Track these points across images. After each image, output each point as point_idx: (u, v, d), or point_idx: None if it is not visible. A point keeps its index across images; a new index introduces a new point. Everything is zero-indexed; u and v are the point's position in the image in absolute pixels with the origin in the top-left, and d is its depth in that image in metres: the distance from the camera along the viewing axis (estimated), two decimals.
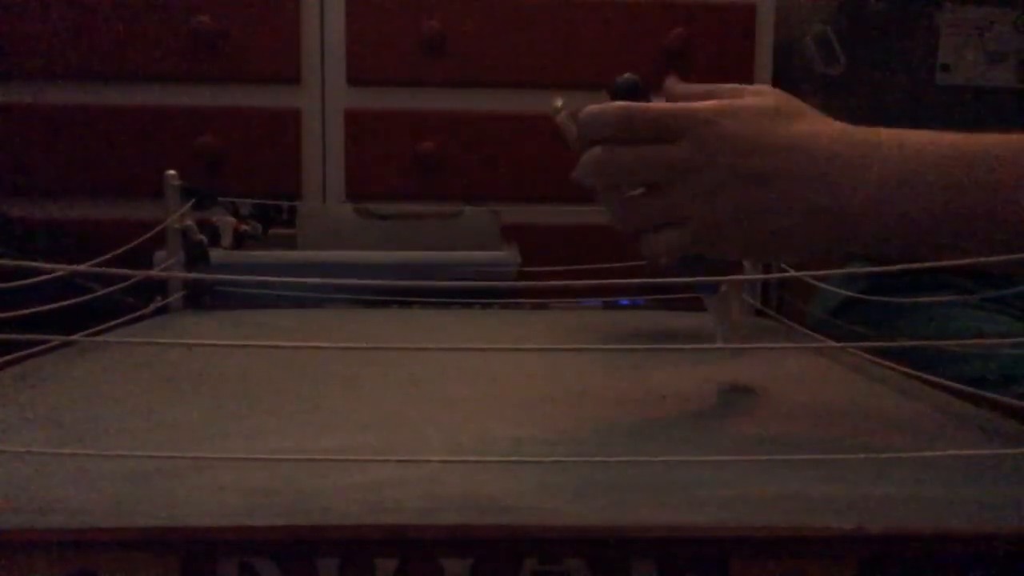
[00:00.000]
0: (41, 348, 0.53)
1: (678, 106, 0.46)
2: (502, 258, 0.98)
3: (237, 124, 1.26)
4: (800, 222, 0.44)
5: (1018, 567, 0.28)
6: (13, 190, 1.25)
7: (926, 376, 0.48)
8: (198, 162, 1.23)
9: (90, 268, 0.35)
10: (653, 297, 0.84)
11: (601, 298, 0.87)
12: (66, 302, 0.54)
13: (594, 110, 0.48)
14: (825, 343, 0.63)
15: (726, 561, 0.28)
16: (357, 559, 0.27)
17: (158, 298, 0.76)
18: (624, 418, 0.43)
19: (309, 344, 0.36)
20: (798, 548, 0.28)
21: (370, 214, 1.01)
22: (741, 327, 0.52)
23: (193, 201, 0.78)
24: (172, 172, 0.77)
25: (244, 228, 0.92)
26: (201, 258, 0.79)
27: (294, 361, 0.54)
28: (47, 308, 0.52)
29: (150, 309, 0.74)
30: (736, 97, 0.47)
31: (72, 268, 0.34)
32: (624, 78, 0.50)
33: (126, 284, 0.62)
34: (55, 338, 0.48)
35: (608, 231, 0.54)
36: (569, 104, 0.51)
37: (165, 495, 0.30)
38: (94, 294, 0.58)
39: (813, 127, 0.45)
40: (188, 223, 0.78)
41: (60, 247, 1.20)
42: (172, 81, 1.25)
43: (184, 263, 0.78)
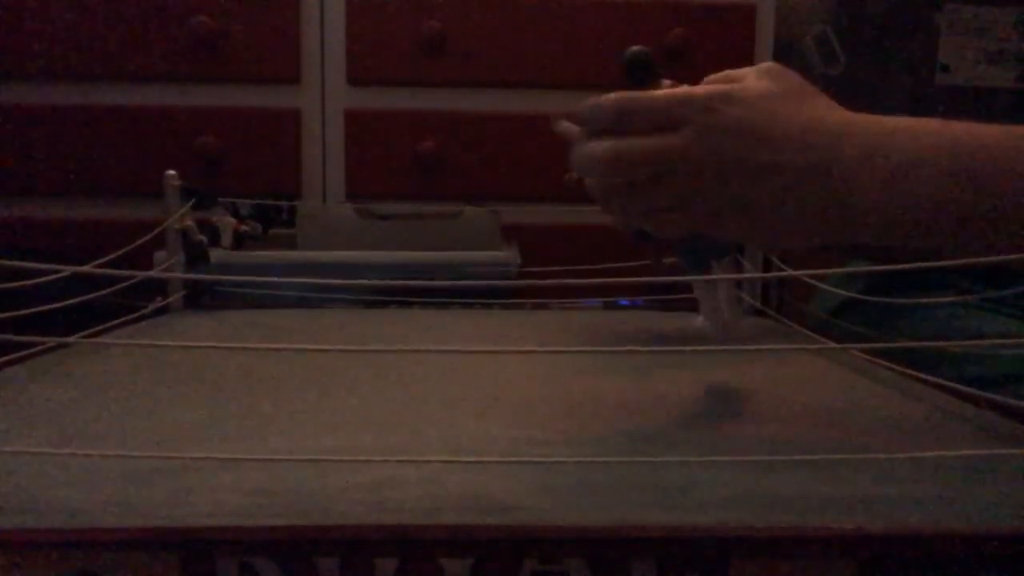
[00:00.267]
0: (41, 348, 0.53)
1: (676, 92, 0.46)
2: (502, 258, 0.98)
3: (237, 124, 1.26)
4: (803, 211, 0.44)
5: (1018, 567, 0.28)
6: (13, 190, 1.25)
7: (926, 376, 0.48)
8: (198, 162, 1.23)
9: (91, 269, 0.35)
10: (653, 298, 0.84)
11: (601, 298, 0.87)
12: (66, 302, 0.54)
13: (592, 101, 0.48)
14: (825, 343, 0.63)
15: (726, 561, 0.28)
16: (357, 559, 0.27)
17: (158, 298, 0.76)
18: (624, 418, 0.43)
19: (309, 345, 0.36)
20: (798, 548, 0.28)
21: (370, 214, 1.01)
22: (734, 326, 0.52)
23: (193, 201, 0.78)
24: (172, 172, 0.77)
25: (244, 228, 0.92)
26: (201, 258, 0.79)
27: (294, 361, 0.54)
28: (47, 308, 0.52)
29: (150, 309, 0.74)
30: (737, 80, 0.46)
31: (73, 268, 0.34)
32: (633, 51, 0.49)
33: (126, 284, 0.62)
34: (55, 338, 0.48)
35: (608, 231, 0.55)
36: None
37: (165, 495, 0.30)
38: (94, 294, 0.58)
39: (818, 113, 0.45)
40: (188, 223, 0.78)
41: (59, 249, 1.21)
42: (172, 81, 1.25)
43: (184, 263, 0.78)
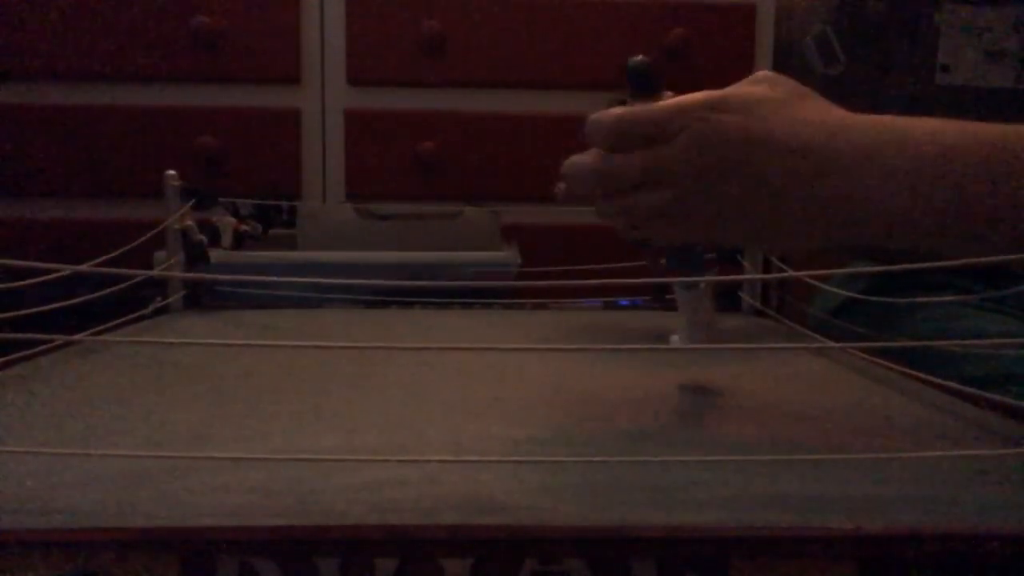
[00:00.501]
0: (41, 348, 0.54)
1: (671, 103, 0.46)
2: (502, 258, 0.98)
3: (237, 124, 1.26)
4: (804, 214, 0.44)
5: (1018, 567, 0.28)
6: (13, 190, 1.25)
7: (926, 376, 0.48)
8: (198, 162, 1.24)
9: (91, 268, 0.35)
10: (652, 298, 0.84)
11: (601, 298, 0.87)
12: (66, 303, 0.54)
13: (593, 118, 0.48)
14: (825, 343, 0.63)
15: (726, 561, 0.28)
16: (357, 559, 0.27)
17: (158, 298, 0.76)
18: (624, 418, 0.43)
19: (309, 344, 0.36)
20: (798, 548, 0.28)
21: (370, 214, 1.01)
22: (709, 327, 0.52)
23: (193, 201, 0.78)
24: (172, 172, 0.77)
25: (244, 228, 0.92)
26: (201, 258, 0.79)
27: (294, 361, 0.54)
28: (47, 308, 0.52)
29: (150, 309, 0.74)
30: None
31: (74, 268, 0.34)
32: (635, 61, 0.50)
33: (127, 285, 0.62)
34: (55, 338, 0.48)
35: (608, 231, 0.55)
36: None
37: (165, 495, 0.30)
38: (94, 295, 0.58)
39: (815, 115, 0.45)
40: (188, 223, 0.78)
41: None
42: (172, 81, 1.25)
43: (184, 263, 0.78)
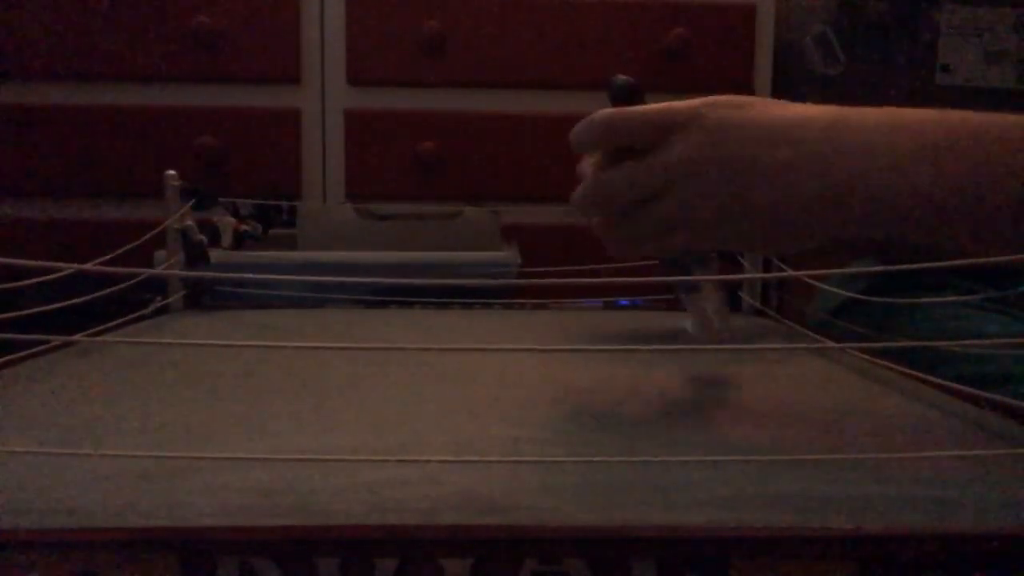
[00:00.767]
0: (41, 348, 0.53)
1: (662, 105, 0.46)
2: (502, 258, 0.98)
3: (237, 124, 1.26)
4: (805, 209, 0.43)
5: (1018, 567, 0.28)
6: (13, 190, 1.25)
7: (926, 376, 0.48)
8: (198, 162, 1.24)
9: (93, 267, 0.35)
10: (652, 297, 0.84)
11: (601, 298, 0.87)
12: (66, 303, 0.54)
13: (579, 125, 0.48)
14: (825, 343, 0.63)
15: (726, 561, 0.28)
16: (357, 559, 0.27)
17: (158, 298, 0.76)
18: (624, 418, 0.43)
19: (309, 344, 0.36)
20: (798, 548, 0.28)
21: (370, 214, 1.01)
22: (722, 330, 0.52)
23: (193, 201, 0.78)
24: (172, 172, 0.77)
25: (244, 228, 0.92)
26: (201, 258, 0.79)
27: (294, 361, 0.54)
28: (47, 308, 0.52)
29: (150, 309, 0.74)
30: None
31: (74, 267, 0.34)
32: (619, 79, 0.50)
33: (127, 284, 0.62)
34: (55, 338, 0.48)
35: None
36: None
37: (165, 495, 0.30)
38: (93, 295, 0.58)
39: (803, 111, 0.45)
40: (188, 223, 0.78)
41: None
42: (172, 81, 1.25)
43: (184, 263, 0.78)
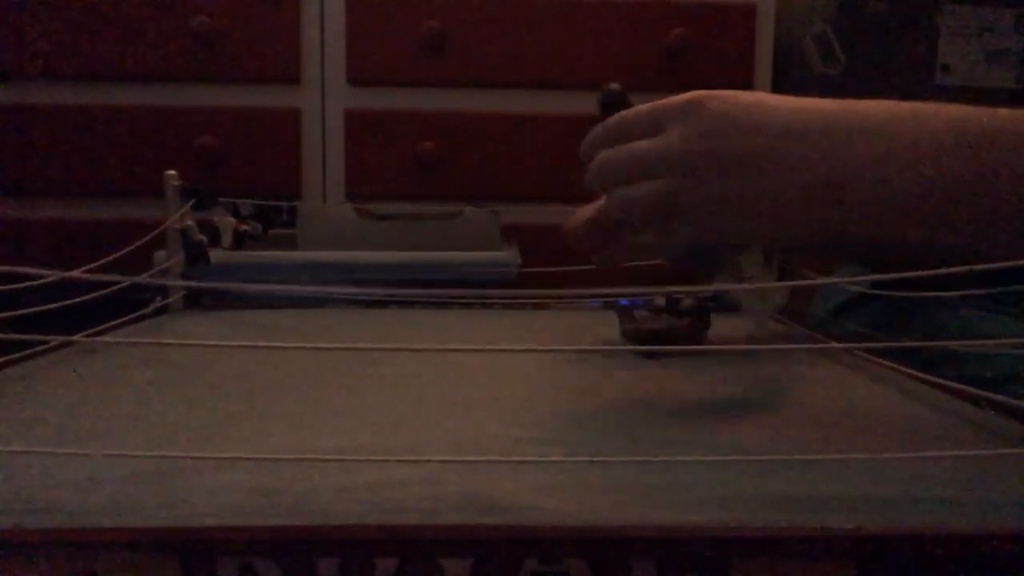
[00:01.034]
0: (41, 348, 0.53)
1: (657, 102, 0.47)
2: (502, 258, 0.98)
3: (237, 124, 1.26)
4: (803, 200, 0.43)
5: (1018, 567, 0.28)
6: (13, 190, 1.25)
7: (926, 376, 0.48)
8: (198, 162, 1.24)
9: (80, 274, 0.35)
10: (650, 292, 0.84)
11: (601, 298, 0.87)
12: (66, 302, 0.54)
13: (586, 138, 0.49)
14: (826, 343, 0.63)
15: (726, 561, 0.28)
16: (357, 559, 0.27)
17: (158, 298, 0.76)
18: (624, 418, 0.43)
19: (309, 345, 0.36)
20: (798, 548, 0.28)
21: (370, 214, 1.01)
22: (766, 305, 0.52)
23: (193, 201, 0.78)
24: (172, 172, 0.77)
25: (244, 228, 0.92)
26: (201, 258, 0.79)
27: (294, 361, 0.54)
28: (47, 308, 0.52)
29: (150, 309, 0.74)
30: None
31: (64, 274, 0.34)
32: (609, 88, 0.52)
33: (125, 285, 0.62)
34: (54, 338, 0.48)
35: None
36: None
37: (165, 495, 0.30)
38: (94, 295, 0.58)
39: (803, 104, 0.45)
40: (188, 223, 0.78)
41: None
42: (172, 81, 1.25)
43: (184, 263, 0.78)
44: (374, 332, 0.69)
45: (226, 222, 0.90)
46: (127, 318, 0.66)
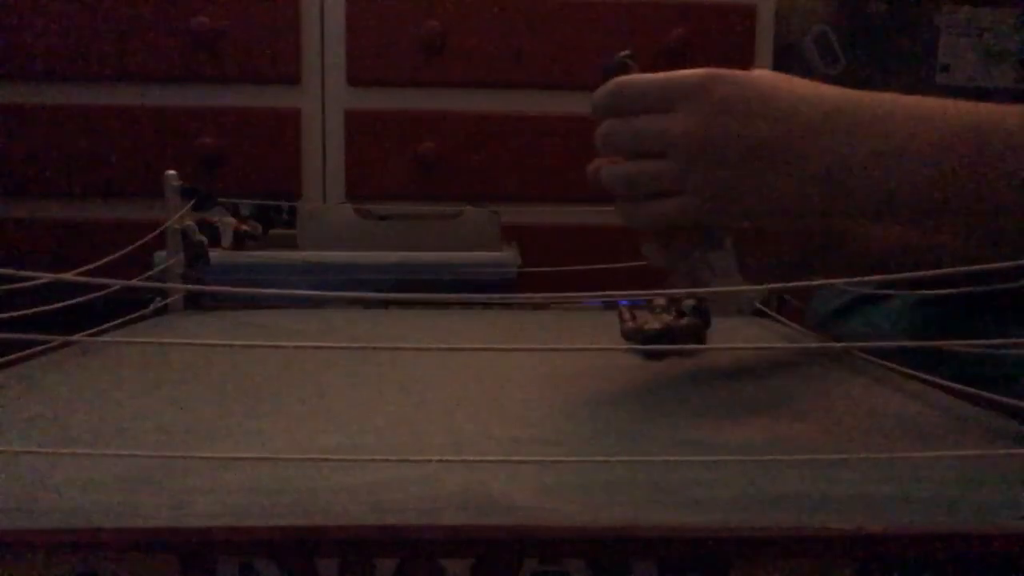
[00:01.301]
0: (41, 348, 0.54)
1: (668, 74, 0.46)
2: (502, 258, 0.98)
3: (237, 124, 1.26)
4: (796, 188, 0.43)
5: (1018, 567, 0.28)
6: (13, 190, 1.25)
7: (926, 376, 0.48)
8: (198, 162, 1.24)
9: (74, 276, 0.35)
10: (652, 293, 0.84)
11: (601, 298, 0.87)
12: (66, 302, 0.54)
13: (593, 95, 0.48)
14: (825, 343, 0.63)
15: (726, 561, 0.28)
16: (357, 559, 0.27)
17: (158, 298, 0.76)
18: (624, 418, 0.43)
19: (309, 344, 0.36)
20: (798, 548, 0.28)
21: (370, 214, 1.01)
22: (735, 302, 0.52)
23: (193, 201, 0.78)
24: (172, 172, 0.77)
25: (244, 228, 0.92)
26: (201, 258, 0.79)
27: (294, 361, 0.54)
28: (47, 309, 0.52)
29: (150, 309, 0.74)
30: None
31: (59, 276, 0.34)
32: (616, 58, 0.50)
33: (124, 285, 0.62)
34: (55, 338, 0.48)
35: (608, 231, 0.55)
36: None
37: (165, 495, 0.30)
38: (93, 295, 0.58)
39: (811, 91, 0.45)
40: (188, 223, 0.78)
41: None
42: (172, 81, 1.25)
43: (184, 263, 0.78)
44: (374, 332, 0.69)
45: (226, 222, 0.90)
46: (127, 318, 0.67)
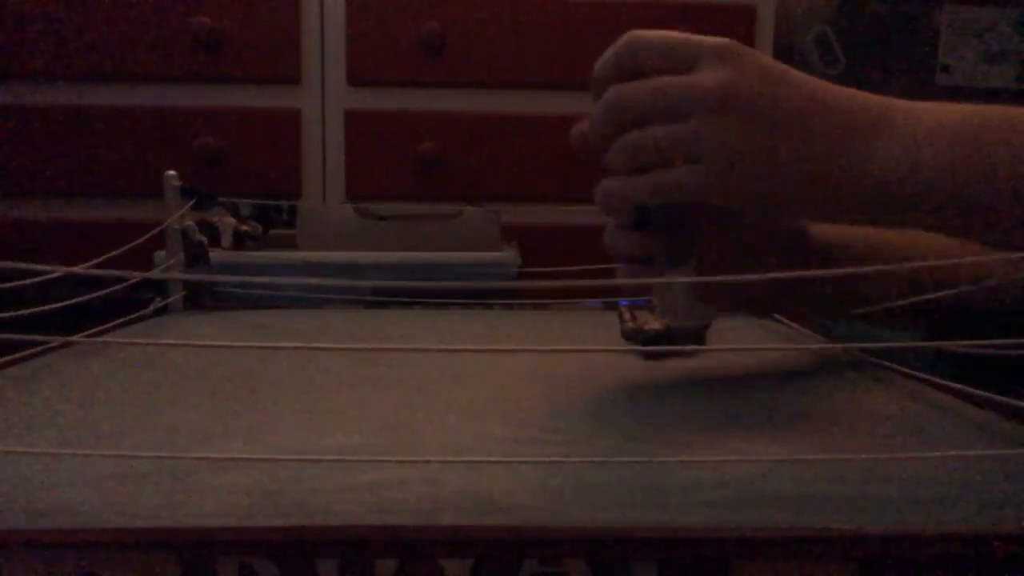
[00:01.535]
0: (41, 348, 0.54)
1: (685, 35, 0.44)
2: (502, 258, 0.98)
3: (237, 124, 1.26)
4: (823, 175, 0.42)
5: (1018, 567, 0.28)
6: (13, 190, 1.25)
7: (926, 376, 0.48)
8: (198, 162, 1.24)
9: (86, 269, 0.35)
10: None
11: (601, 298, 0.87)
12: (65, 302, 0.54)
13: (596, 68, 0.45)
14: (825, 343, 0.63)
15: (726, 561, 0.28)
16: (357, 559, 0.28)
17: (158, 299, 0.76)
18: (624, 418, 0.43)
19: (309, 345, 0.36)
20: (798, 548, 0.28)
21: (370, 214, 1.01)
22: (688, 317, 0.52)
23: (193, 201, 0.78)
24: (172, 172, 0.77)
25: (244, 228, 0.92)
26: (201, 258, 0.79)
27: (294, 361, 0.54)
28: (47, 308, 0.52)
29: (150, 310, 0.74)
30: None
31: (68, 269, 0.34)
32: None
33: (124, 285, 0.62)
34: (55, 338, 0.48)
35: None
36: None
37: (165, 495, 0.30)
38: (94, 295, 0.58)
39: (821, 81, 0.44)
40: (188, 223, 0.78)
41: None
42: (172, 81, 1.25)
43: (184, 263, 0.78)
44: (374, 332, 0.69)
45: (226, 222, 0.90)
46: (127, 318, 0.67)
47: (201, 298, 0.80)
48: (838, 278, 0.52)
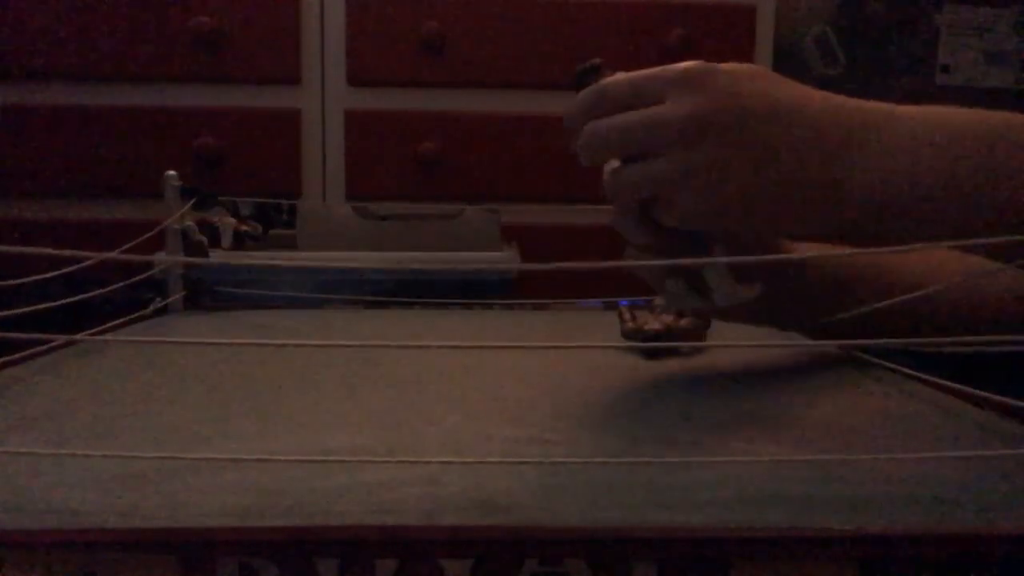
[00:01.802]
0: (41, 348, 0.53)
1: (652, 70, 0.43)
2: (502, 258, 0.98)
3: (237, 124, 1.26)
4: (794, 187, 0.42)
5: (1018, 567, 0.28)
6: (13, 190, 1.25)
7: (926, 376, 0.48)
8: (198, 162, 1.24)
9: (114, 255, 0.35)
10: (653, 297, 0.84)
11: (601, 298, 0.87)
12: (65, 301, 0.54)
13: (569, 108, 0.46)
14: (825, 343, 0.62)
15: (726, 561, 0.28)
16: (357, 559, 0.27)
17: (158, 299, 0.76)
18: (624, 418, 0.43)
19: (308, 343, 0.36)
20: (798, 548, 0.28)
21: (370, 214, 1.01)
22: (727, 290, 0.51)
23: (193, 201, 0.78)
24: (172, 172, 0.77)
25: (244, 228, 0.92)
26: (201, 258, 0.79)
27: (294, 361, 0.54)
28: (47, 307, 0.52)
29: (150, 309, 0.74)
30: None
31: (81, 253, 0.34)
32: (583, 66, 0.49)
33: (126, 284, 0.62)
34: (55, 338, 0.48)
35: (608, 231, 0.54)
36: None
37: (165, 495, 0.30)
38: (93, 293, 0.58)
39: (800, 91, 0.44)
40: (188, 223, 0.78)
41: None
42: (172, 81, 1.25)
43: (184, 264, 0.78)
44: (374, 332, 0.69)
45: (226, 222, 0.90)
46: (127, 318, 0.67)
47: (201, 298, 0.80)
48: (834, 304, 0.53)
